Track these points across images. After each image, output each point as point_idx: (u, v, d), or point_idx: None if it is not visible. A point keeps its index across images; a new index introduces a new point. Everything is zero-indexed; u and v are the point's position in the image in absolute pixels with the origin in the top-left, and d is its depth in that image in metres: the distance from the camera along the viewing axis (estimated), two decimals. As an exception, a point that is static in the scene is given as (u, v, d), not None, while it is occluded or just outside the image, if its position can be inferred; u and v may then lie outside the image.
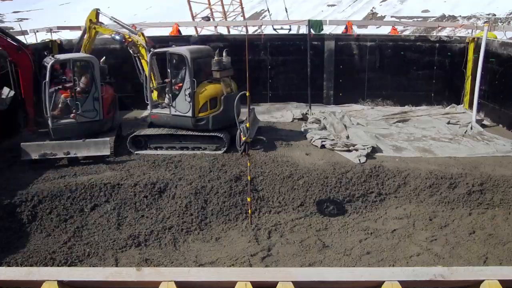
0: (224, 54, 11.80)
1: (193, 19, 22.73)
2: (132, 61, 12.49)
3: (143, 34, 12.34)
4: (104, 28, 12.60)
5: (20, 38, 15.84)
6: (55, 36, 16.95)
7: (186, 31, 18.17)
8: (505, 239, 9.01)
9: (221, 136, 11.49)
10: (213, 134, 11.55)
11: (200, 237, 9.06)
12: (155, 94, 12.08)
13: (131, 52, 12.27)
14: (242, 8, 23.60)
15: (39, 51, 15.02)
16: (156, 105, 12.05)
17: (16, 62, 11.52)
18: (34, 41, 15.87)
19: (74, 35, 19.26)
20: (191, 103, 11.47)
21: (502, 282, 2.78)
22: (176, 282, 2.73)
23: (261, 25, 30.40)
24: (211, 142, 11.69)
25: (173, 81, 11.71)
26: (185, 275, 2.82)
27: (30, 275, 2.78)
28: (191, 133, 11.64)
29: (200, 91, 11.53)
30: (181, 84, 11.71)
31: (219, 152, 11.44)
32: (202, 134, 11.61)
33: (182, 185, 9.84)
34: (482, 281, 2.79)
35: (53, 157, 10.56)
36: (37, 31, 16.49)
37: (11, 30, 29.70)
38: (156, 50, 11.88)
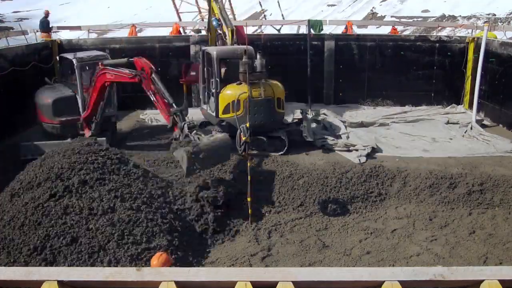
0: (258, 56, 11.42)
1: (179, 17, 22.58)
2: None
3: (233, 32, 12.35)
4: (215, 5, 12.78)
5: (20, 38, 15.97)
6: (55, 36, 16.96)
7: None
8: (505, 239, 9.01)
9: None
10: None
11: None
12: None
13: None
14: (232, 11, 23.24)
15: (39, 51, 15.06)
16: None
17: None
18: (34, 41, 15.89)
19: (74, 35, 19.30)
20: (215, 103, 11.50)
21: (502, 282, 2.78)
22: (176, 282, 2.73)
23: (261, 25, 30.39)
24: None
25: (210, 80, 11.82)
26: (185, 275, 2.82)
27: (30, 275, 2.78)
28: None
29: (223, 93, 11.40)
30: None
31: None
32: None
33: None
34: (482, 281, 2.80)
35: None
36: (37, 31, 16.49)
37: (11, 30, 29.79)
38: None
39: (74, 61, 11.68)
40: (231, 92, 11.31)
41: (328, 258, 8.47)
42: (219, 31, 12.42)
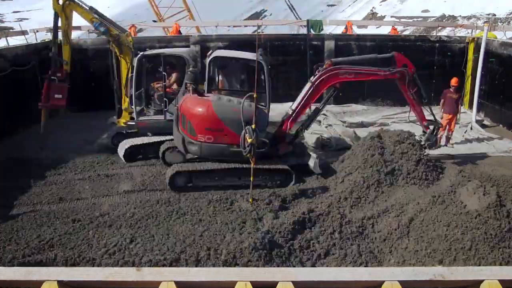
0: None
1: (159, 17, 22.48)
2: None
3: (131, 35, 11.61)
4: (82, 9, 10.80)
5: (20, 38, 15.97)
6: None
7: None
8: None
9: None
10: None
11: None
12: (126, 101, 11.19)
13: (113, 50, 11.20)
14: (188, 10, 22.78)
15: (39, 51, 15.05)
16: (140, 112, 11.11)
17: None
18: (34, 41, 15.88)
19: (74, 35, 19.28)
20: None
21: (502, 282, 2.79)
22: (176, 282, 2.74)
23: (261, 25, 30.38)
24: None
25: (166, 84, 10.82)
26: (185, 275, 2.82)
27: (30, 275, 2.79)
28: None
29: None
30: (174, 88, 11.17)
31: None
32: None
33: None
34: (482, 281, 2.80)
35: None
36: (37, 31, 16.48)
37: (11, 30, 29.78)
38: (146, 53, 10.82)
39: (263, 63, 9.75)
40: None
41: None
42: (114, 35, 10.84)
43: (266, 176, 9.25)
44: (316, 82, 9.73)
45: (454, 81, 12.05)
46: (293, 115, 9.94)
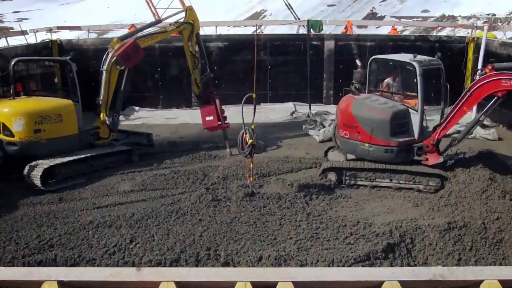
0: None
1: (157, 17, 22.40)
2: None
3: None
4: None
5: (20, 38, 15.97)
6: (55, 36, 16.95)
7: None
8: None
9: None
10: None
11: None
12: None
13: None
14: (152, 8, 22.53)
15: (39, 51, 15.05)
16: None
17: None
18: (34, 41, 15.89)
19: (74, 35, 19.32)
20: None
21: (502, 282, 2.79)
22: (176, 282, 2.74)
23: (261, 25, 30.38)
24: None
25: None
26: (185, 275, 2.82)
27: (30, 275, 2.79)
28: None
29: None
30: None
31: None
32: None
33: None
34: (482, 281, 2.80)
35: None
36: (37, 31, 16.48)
37: (11, 30, 29.80)
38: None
39: (416, 65, 9.07)
40: None
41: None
42: None
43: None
44: (472, 89, 8.67)
45: None
46: (445, 123, 9.18)
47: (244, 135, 8.49)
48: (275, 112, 15.85)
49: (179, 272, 2.87)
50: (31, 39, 16.01)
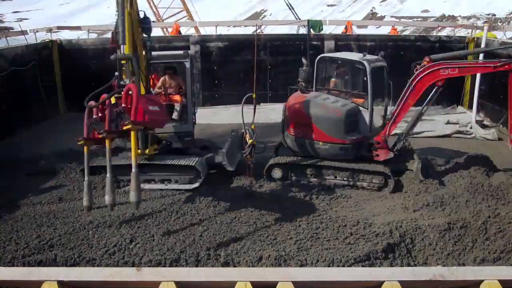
0: None
1: (158, 17, 22.42)
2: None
3: None
4: None
5: (20, 38, 15.97)
6: (55, 36, 16.96)
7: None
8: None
9: None
10: None
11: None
12: None
13: None
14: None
15: (39, 51, 15.05)
16: None
17: None
18: (34, 41, 15.89)
19: (74, 35, 19.29)
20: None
21: (502, 282, 2.79)
22: (176, 282, 2.74)
23: (261, 25, 30.40)
24: None
25: None
26: (185, 275, 2.82)
27: (30, 275, 2.79)
28: None
29: None
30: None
31: None
32: None
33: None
34: (482, 281, 2.80)
35: None
36: (37, 31, 16.49)
37: (11, 30, 29.80)
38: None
39: (366, 64, 9.18)
40: None
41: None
42: None
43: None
44: (414, 82, 9.00)
45: None
46: (393, 118, 9.38)
47: (244, 135, 8.50)
48: (275, 112, 15.79)
49: (179, 272, 2.87)
50: (31, 39, 16.02)
